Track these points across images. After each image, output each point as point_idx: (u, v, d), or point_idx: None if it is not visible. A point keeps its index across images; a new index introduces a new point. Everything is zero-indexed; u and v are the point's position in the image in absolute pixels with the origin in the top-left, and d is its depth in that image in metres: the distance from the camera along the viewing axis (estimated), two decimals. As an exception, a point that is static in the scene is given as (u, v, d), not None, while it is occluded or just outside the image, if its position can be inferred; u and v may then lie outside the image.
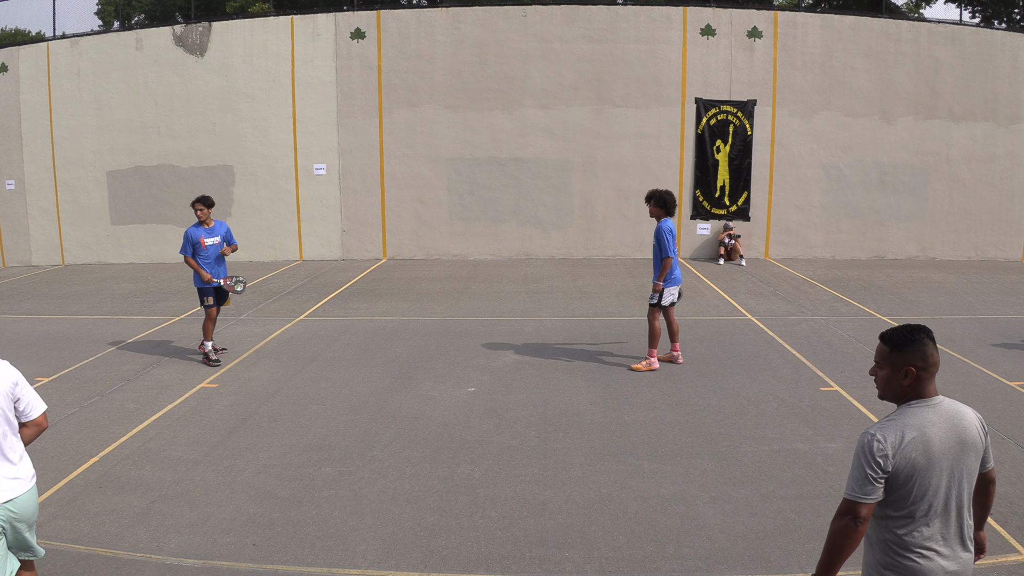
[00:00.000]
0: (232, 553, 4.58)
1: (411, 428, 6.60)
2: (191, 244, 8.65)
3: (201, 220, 8.67)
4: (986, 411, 6.88)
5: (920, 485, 2.67)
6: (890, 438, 2.66)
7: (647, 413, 6.93)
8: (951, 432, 2.70)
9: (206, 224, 8.72)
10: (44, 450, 6.16)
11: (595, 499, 5.23)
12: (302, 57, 16.90)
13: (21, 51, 17.32)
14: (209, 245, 8.71)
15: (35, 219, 17.52)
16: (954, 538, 2.73)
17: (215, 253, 8.79)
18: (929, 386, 2.74)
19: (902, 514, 2.70)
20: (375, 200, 17.20)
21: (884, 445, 2.65)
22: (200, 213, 8.63)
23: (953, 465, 2.70)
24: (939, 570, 2.70)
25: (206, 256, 8.70)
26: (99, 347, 9.54)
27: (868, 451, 2.66)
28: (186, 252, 8.67)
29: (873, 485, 2.66)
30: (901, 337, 2.75)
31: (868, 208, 16.90)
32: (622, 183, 16.91)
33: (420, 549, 4.61)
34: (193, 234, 8.66)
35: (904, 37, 16.50)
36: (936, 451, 2.67)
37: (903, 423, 2.70)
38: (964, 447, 2.72)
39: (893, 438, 2.66)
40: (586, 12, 16.59)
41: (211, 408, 7.21)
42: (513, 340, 9.66)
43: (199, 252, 8.68)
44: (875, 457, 2.65)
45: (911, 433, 2.66)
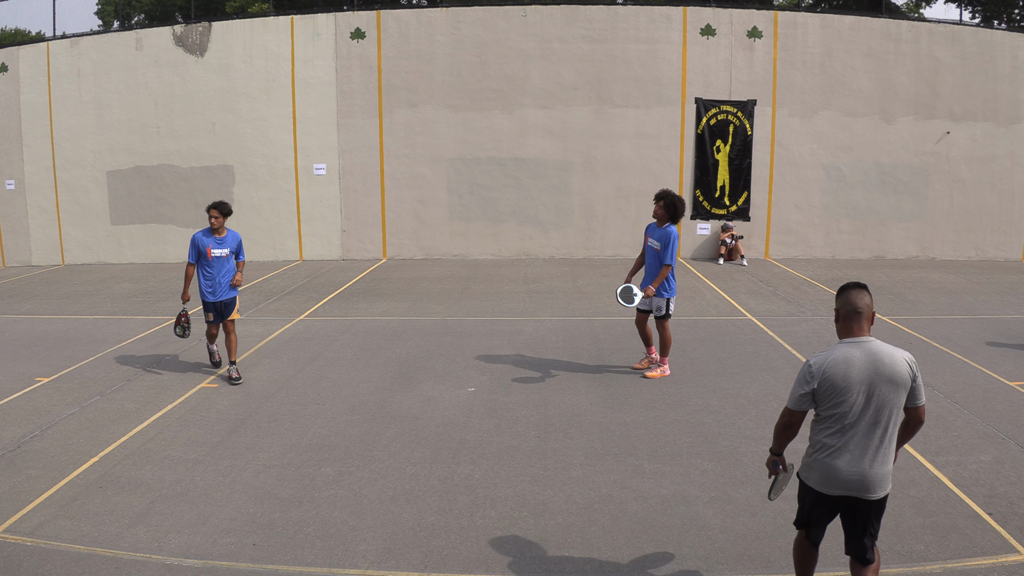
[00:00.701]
0: (232, 553, 4.58)
1: (411, 428, 6.60)
2: (196, 250, 7.97)
3: (214, 228, 7.93)
4: (986, 411, 6.88)
5: (838, 402, 3.48)
6: (816, 365, 3.53)
7: (647, 413, 6.93)
8: (870, 365, 3.46)
9: (218, 233, 7.99)
10: (44, 450, 6.17)
11: (595, 499, 5.23)
12: (302, 57, 16.90)
13: (21, 51, 17.32)
14: (216, 256, 7.94)
15: (35, 219, 17.52)
16: (866, 452, 3.49)
17: (222, 267, 7.99)
18: (855, 327, 3.56)
19: (825, 423, 3.56)
20: (375, 200, 17.20)
21: (812, 370, 3.52)
22: (215, 220, 7.89)
23: (870, 392, 3.45)
24: (841, 471, 3.51)
25: (210, 268, 7.96)
26: (99, 347, 9.54)
27: (801, 374, 3.56)
28: (191, 259, 8.03)
29: (802, 399, 3.57)
30: (839, 288, 3.67)
31: (868, 208, 16.90)
32: (622, 183, 16.91)
33: (420, 549, 4.61)
34: (200, 241, 7.95)
35: (904, 37, 16.50)
36: (853, 378, 3.45)
37: (830, 354, 3.55)
38: (884, 379, 3.45)
39: (818, 365, 3.53)
40: (586, 12, 16.59)
41: (211, 408, 7.21)
42: (513, 340, 9.66)
43: (203, 261, 7.98)
44: (804, 378, 3.54)
45: (833, 362, 3.49)
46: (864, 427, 3.48)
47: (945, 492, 5.26)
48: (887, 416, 3.47)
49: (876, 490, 3.53)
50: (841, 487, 3.54)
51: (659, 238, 7.68)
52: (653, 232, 7.80)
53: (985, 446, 6.08)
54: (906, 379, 3.47)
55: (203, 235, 7.98)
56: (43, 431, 6.60)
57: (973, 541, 4.59)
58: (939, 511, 4.98)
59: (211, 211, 7.95)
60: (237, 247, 8.17)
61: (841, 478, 3.52)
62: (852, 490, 3.53)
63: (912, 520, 4.86)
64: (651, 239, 7.77)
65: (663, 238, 7.63)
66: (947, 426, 6.53)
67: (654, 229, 7.80)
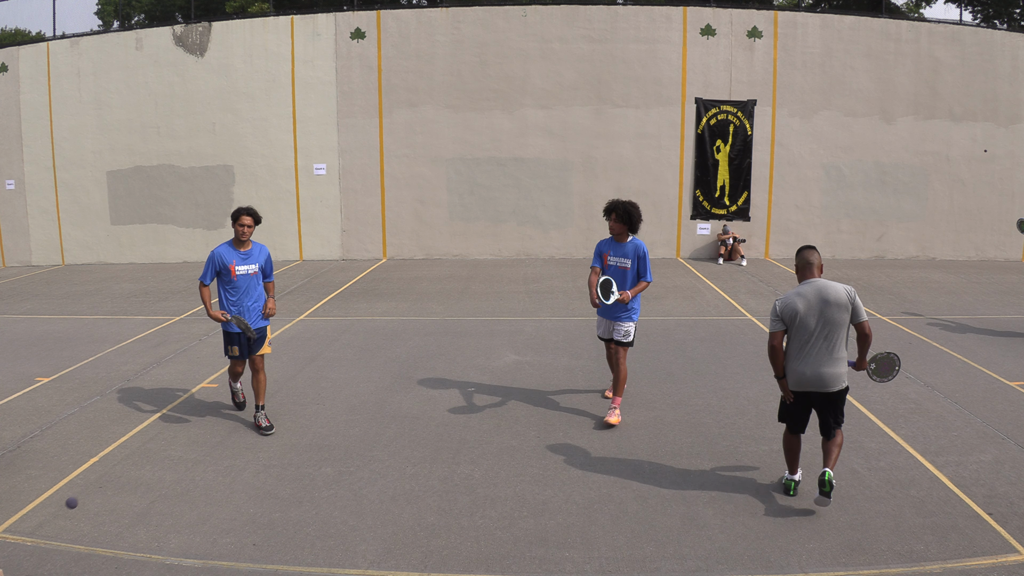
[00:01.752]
0: (232, 553, 4.58)
1: (411, 428, 6.60)
2: (215, 269, 6.48)
3: (242, 239, 6.51)
4: (986, 411, 6.88)
5: (800, 324, 4.92)
6: (779, 304, 5.00)
7: (647, 413, 6.93)
8: (818, 295, 4.89)
9: (244, 246, 6.56)
10: (44, 450, 6.17)
11: (595, 499, 5.23)
12: (302, 57, 16.90)
13: (21, 51, 17.32)
14: (241, 275, 6.50)
15: (35, 219, 17.52)
16: (821, 358, 4.91)
17: (249, 289, 6.56)
18: (807, 273, 5.03)
19: (793, 341, 5.00)
20: (375, 200, 17.20)
21: (779, 305, 5.00)
22: (246, 229, 6.49)
23: (820, 314, 4.87)
24: (805, 373, 4.95)
25: (234, 289, 6.53)
26: (99, 347, 9.54)
27: (772, 311, 5.05)
28: (204, 279, 6.54)
29: (776, 325, 5.01)
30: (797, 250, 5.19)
31: (868, 208, 16.90)
32: (622, 183, 16.90)
33: (420, 549, 4.61)
34: (221, 256, 6.47)
35: (904, 37, 16.50)
36: (808, 305, 4.89)
37: (791, 293, 5.00)
38: (829, 304, 4.85)
39: (781, 304, 4.99)
40: (586, 12, 16.59)
41: (211, 408, 7.21)
42: (513, 340, 9.66)
43: (225, 281, 6.52)
44: (775, 311, 5.02)
45: (791, 298, 4.95)
46: (818, 340, 4.89)
47: (945, 492, 5.26)
48: (835, 331, 4.89)
49: (832, 385, 4.95)
50: (806, 385, 4.98)
51: (627, 254, 6.57)
52: (614, 249, 6.64)
53: (985, 446, 6.08)
54: (846, 301, 4.87)
55: (226, 249, 6.52)
56: (43, 431, 6.60)
57: (973, 541, 4.59)
58: (939, 511, 4.98)
59: (242, 217, 6.48)
60: (266, 262, 6.72)
61: (806, 378, 4.96)
62: (814, 386, 4.96)
63: (912, 520, 4.86)
64: (613, 257, 6.63)
65: (633, 252, 6.55)
66: (947, 426, 6.53)
67: (614, 246, 6.64)
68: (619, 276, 6.59)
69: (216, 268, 6.50)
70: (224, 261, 6.49)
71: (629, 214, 6.56)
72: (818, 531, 4.73)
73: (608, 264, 6.65)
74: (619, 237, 6.63)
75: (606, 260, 6.66)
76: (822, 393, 4.96)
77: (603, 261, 6.68)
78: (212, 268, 6.50)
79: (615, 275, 6.60)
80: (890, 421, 6.66)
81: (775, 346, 4.99)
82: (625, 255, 6.59)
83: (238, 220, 6.50)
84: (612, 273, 6.61)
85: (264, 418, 6.61)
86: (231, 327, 6.53)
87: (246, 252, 6.58)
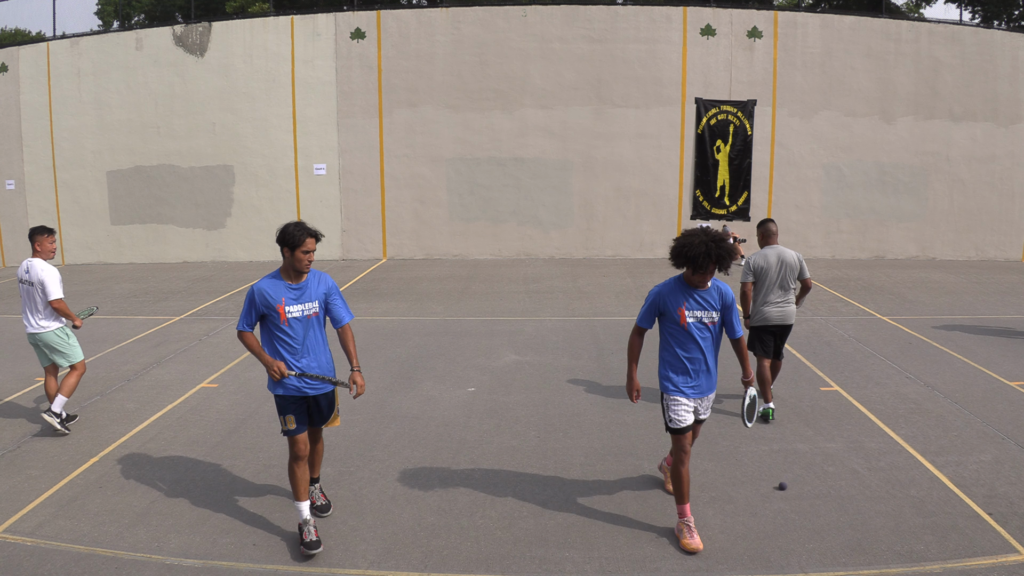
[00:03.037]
0: (232, 553, 4.58)
1: (411, 428, 6.60)
2: (256, 311, 4.61)
3: (301, 270, 4.58)
4: (986, 411, 6.88)
5: (764, 276, 6.65)
6: (752, 260, 6.71)
7: (647, 413, 6.93)
8: (777, 257, 6.63)
9: (295, 279, 4.62)
10: (44, 450, 6.17)
11: (595, 499, 5.23)
12: (302, 57, 16.90)
13: (21, 51, 17.32)
14: (294, 318, 4.60)
15: (35, 219, 17.52)
16: (779, 301, 6.68)
17: (307, 335, 4.66)
18: (770, 240, 6.77)
19: (759, 290, 6.71)
20: (375, 200, 17.20)
21: (752, 261, 6.71)
22: (309, 258, 4.57)
23: (778, 270, 6.62)
24: (771, 313, 6.69)
25: (288, 340, 4.61)
26: (99, 347, 9.54)
27: (746, 263, 6.74)
28: (242, 325, 4.64)
29: (747, 276, 6.72)
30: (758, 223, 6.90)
31: (868, 208, 16.90)
32: (622, 183, 16.91)
33: (420, 549, 4.61)
34: (266, 294, 4.57)
35: (904, 37, 16.50)
36: (769, 263, 6.64)
37: (759, 254, 6.72)
38: (785, 263, 6.62)
39: (754, 259, 6.70)
40: (586, 12, 16.59)
41: (211, 408, 7.21)
42: (513, 340, 9.66)
43: (273, 328, 4.62)
44: (747, 265, 6.71)
45: (758, 257, 6.68)
46: (777, 288, 6.66)
47: (945, 492, 5.26)
48: (789, 283, 6.66)
49: (789, 319, 6.74)
50: (771, 321, 6.72)
51: (713, 304, 4.63)
52: (695, 299, 4.61)
53: (985, 446, 6.08)
54: (796, 262, 6.67)
55: (271, 283, 4.61)
56: (43, 431, 6.60)
57: (973, 541, 4.59)
58: (939, 511, 4.98)
59: (306, 241, 4.53)
60: (330, 296, 4.75)
61: (771, 317, 6.71)
62: (776, 321, 6.71)
63: (912, 520, 4.86)
64: (695, 311, 4.61)
65: (720, 300, 4.65)
66: (947, 426, 6.53)
67: (694, 294, 4.61)
68: (702, 337, 4.66)
69: (258, 310, 4.61)
70: (269, 299, 4.56)
71: (723, 256, 4.47)
72: (818, 531, 4.73)
73: (686, 322, 4.62)
74: (702, 281, 4.57)
75: (684, 318, 4.61)
76: (782, 326, 6.76)
77: (679, 319, 4.62)
78: (253, 310, 4.61)
79: (696, 337, 4.65)
80: (890, 421, 6.66)
81: (746, 293, 6.71)
82: (711, 305, 4.62)
83: (299, 244, 4.49)
84: (692, 335, 4.64)
85: (321, 493, 5.11)
86: (289, 386, 4.64)
87: (299, 286, 4.62)
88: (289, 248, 4.53)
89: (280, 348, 4.64)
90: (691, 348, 4.69)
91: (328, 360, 4.79)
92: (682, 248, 4.51)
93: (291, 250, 4.53)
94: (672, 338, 4.74)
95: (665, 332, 4.79)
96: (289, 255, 4.56)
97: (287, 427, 4.68)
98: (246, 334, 4.68)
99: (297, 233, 4.50)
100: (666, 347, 4.81)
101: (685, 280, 4.65)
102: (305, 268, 4.60)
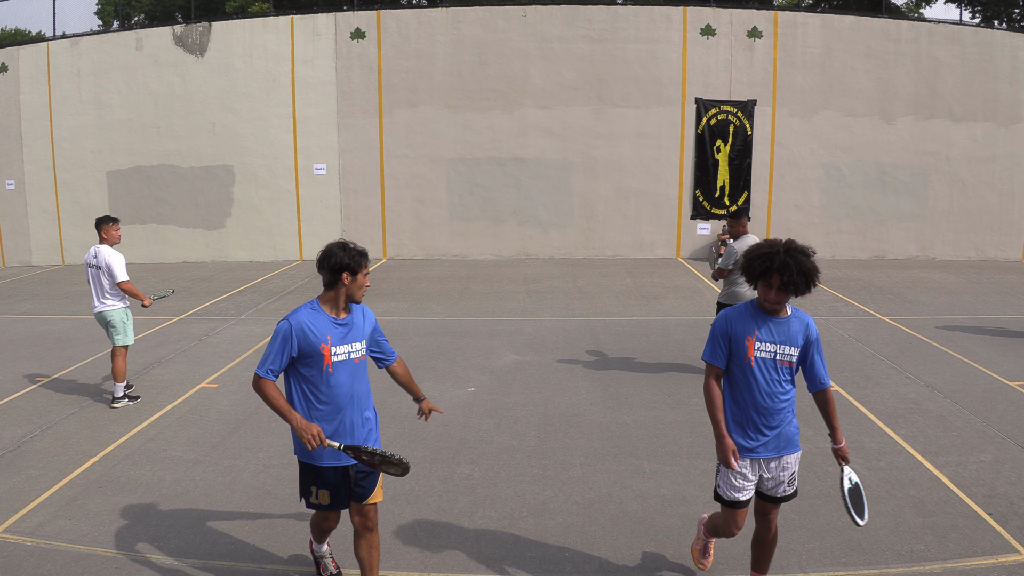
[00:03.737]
0: (232, 553, 4.58)
1: (411, 428, 6.60)
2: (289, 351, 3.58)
3: (359, 297, 3.73)
4: (986, 411, 6.88)
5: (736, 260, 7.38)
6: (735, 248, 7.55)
7: (647, 413, 6.93)
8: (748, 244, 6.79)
9: (342, 311, 3.71)
10: (44, 450, 6.17)
11: (595, 499, 5.23)
12: (302, 57, 16.90)
13: (21, 51, 17.32)
14: (340, 362, 3.66)
15: (35, 219, 17.52)
16: None
17: (353, 384, 3.72)
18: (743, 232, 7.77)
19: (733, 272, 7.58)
20: (375, 200, 17.20)
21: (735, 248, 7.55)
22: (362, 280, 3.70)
23: None
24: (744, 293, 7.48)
25: (329, 391, 3.66)
26: (99, 347, 9.54)
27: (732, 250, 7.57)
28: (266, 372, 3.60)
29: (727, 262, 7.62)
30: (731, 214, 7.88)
31: (868, 208, 16.90)
32: (622, 183, 16.91)
33: (420, 549, 4.61)
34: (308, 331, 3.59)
35: (904, 37, 16.50)
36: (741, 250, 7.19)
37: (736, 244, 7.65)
38: None
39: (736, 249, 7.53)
40: (586, 12, 16.59)
41: (211, 408, 7.21)
42: (513, 340, 9.66)
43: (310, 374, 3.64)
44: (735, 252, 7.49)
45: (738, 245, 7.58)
46: None
47: (945, 492, 5.26)
48: None
49: None
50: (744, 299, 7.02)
51: (792, 338, 3.65)
52: (767, 329, 3.65)
53: (985, 446, 6.08)
54: None
55: (313, 316, 3.64)
56: (43, 431, 6.60)
57: (973, 541, 4.59)
58: (939, 511, 4.98)
59: (364, 263, 3.69)
60: (374, 329, 3.90)
61: (745, 295, 7.40)
62: (747, 298, 6.88)
63: (912, 520, 4.86)
64: (768, 344, 3.64)
65: (803, 333, 3.67)
66: (947, 426, 6.53)
67: (768, 323, 3.65)
68: (773, 380, 3.65)
69: (292, 352, 3.58)
70: (312, 337, 3.58)
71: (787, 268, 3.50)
72: (818, 531, 4.73)
73: (753, 355, 3.63)
74: (776, 305, 3.64)
75: (752, 349, 3.63)
76: None
77: (746, 352, 3.63)
78: (286, 350, 3.57)
79: (767, 378, 3.64)
80: (890, 421, 6.66)
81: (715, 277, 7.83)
82: (789, 339, 3.65)
83: (361, 268, 3.66)
84: (761, 375, 3.64)
85: None
86: (322, 455, 3.68)
87: (345, 321, 3.70)
88: (350, 273, 3.62)
89: (315, 403, 3.63)
90: (758, 392, 3.65)
91: (375, 419, 3.86)
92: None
93: (352, 275, 3.62)
94: (735, 377, 3.71)
95: (728, 368, 3.76)
96: (349, 281, 3.63)
97: (319, 501, 3.74)
98: (267, 383, 3.59)
99: (356, 255, 3.64)
100: (727, 389, 3.79)
101: (758, 304, 3.69)
102: (359, 295, 3.72)
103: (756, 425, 3.67)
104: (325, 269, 3.64)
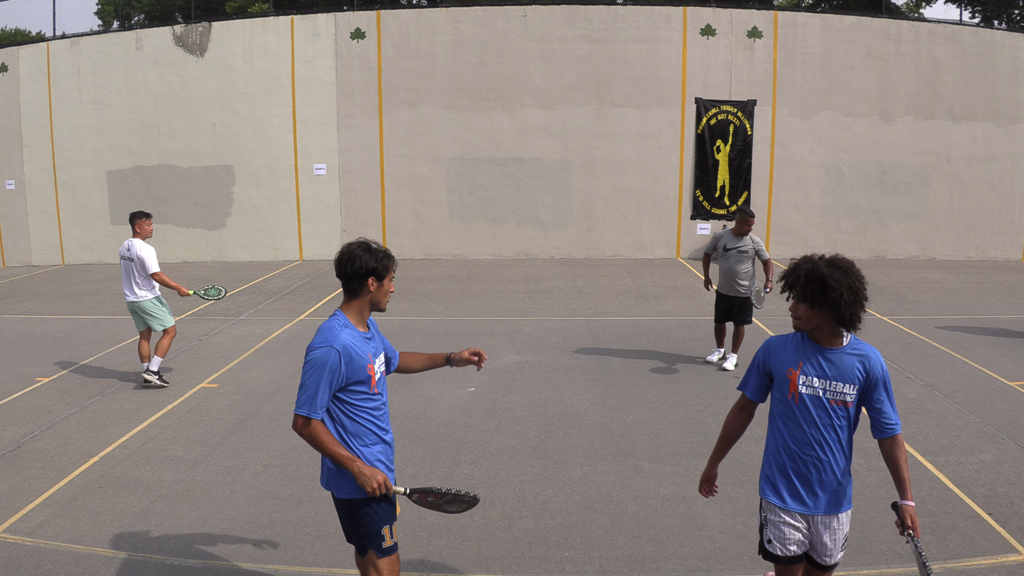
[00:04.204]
0: (232, 553, 4.58)
1: (411, 428, 6.60)
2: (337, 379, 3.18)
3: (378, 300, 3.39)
4: (986, 411, 6.88)
5: None
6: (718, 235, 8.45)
7: (647, 413, 6.93)
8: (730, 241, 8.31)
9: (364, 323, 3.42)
10: (44, 450, 6.17)
11: (595, 499, 5.23)
12: (302, 57, 16.90)
13: (21, 51, 17.32)
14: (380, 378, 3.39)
15: (35, 219, 17.52)
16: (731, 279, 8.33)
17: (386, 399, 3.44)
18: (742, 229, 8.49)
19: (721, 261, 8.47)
20: (375, 200, 17.20)
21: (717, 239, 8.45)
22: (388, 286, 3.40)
23: None
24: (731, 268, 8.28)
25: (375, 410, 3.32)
26: (99, 347, 9.54)
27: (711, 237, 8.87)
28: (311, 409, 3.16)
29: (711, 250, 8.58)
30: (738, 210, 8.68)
31: (868, 208, 16.90)
32: (622, 183, 16.91)
33: (420, 549, 4.61)
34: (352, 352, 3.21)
35: (904, 37, 16.49)
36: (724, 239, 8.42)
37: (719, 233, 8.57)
38: None
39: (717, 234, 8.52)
40: (586, 12, 16.59)
41: (211, 408, 7.21)
42: (513, 340, 9.66)
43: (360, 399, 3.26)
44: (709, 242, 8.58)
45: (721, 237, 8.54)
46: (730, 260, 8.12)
47: (945, 492, 5.26)
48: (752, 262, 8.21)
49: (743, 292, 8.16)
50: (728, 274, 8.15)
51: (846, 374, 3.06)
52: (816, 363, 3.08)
53: (985, 446, 6.08)
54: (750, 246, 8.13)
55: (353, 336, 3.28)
56: (43, 431, 6.61)
57: (973, 541, 4.59)
58: (939, 511, 4.98)
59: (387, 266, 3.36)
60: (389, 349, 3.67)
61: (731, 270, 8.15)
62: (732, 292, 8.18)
63: (912, 520, 4.86)
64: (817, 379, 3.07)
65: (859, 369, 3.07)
66: (947, 426, 6.53)
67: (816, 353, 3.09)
68: (824, 423, 3.10)
69: (340, 382, 3.18)
70: (359, 359, 3.22)
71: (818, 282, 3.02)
72: (818, 531, 4.72)
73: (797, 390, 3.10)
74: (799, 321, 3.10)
75: (795, 382, 3.10)
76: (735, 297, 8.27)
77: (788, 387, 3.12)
78: (334, 381, 3.16)
79: (814, 419, 3.10)
80: (890, 421, 6.65)
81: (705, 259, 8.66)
82: (842, 375, 3.07)
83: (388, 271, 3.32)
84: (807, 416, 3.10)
85: None
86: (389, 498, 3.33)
87: (371, 334, 3.42)
88: (376, 278, 3.24)
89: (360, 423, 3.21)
90: (805, 436, 3.09)
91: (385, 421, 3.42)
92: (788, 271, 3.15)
93: (378, 280, 3.25)
94: (780, 417, 3.17)
95: (773, 408, 3.23)
96: (375, 287, 3.25)
97: (395, 539, 3.34)
98: (318, 426, 3.13)
99: (382, 257, 3.25)
100: (772, 431, 3.24)
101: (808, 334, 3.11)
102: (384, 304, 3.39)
103: (802, 473, 3.12)
104: (347, 275, 3.23)
